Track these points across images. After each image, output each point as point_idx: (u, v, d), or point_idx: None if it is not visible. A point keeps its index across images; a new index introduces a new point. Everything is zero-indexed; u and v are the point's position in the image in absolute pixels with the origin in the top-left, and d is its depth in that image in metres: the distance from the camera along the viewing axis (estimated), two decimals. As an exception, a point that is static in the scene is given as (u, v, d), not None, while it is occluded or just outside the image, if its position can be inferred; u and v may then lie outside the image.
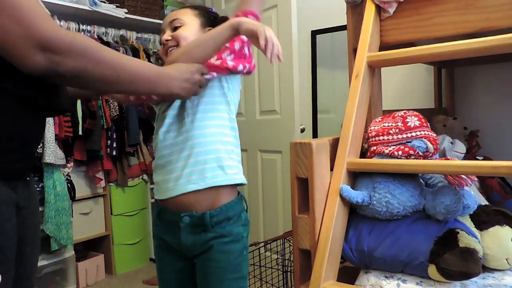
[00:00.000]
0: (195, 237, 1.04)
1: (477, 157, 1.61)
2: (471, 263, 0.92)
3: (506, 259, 1.01)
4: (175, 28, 1.10)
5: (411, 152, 1.09)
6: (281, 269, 1.84)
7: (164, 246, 1.11)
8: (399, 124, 1.14)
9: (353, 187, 1.13)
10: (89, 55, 0.79)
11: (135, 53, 2.88)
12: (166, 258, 1.12)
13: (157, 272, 1.16)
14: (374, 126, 1.18)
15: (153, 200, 2.94)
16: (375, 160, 1.12)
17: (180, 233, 1.05)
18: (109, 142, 2.67)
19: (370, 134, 1.18)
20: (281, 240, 1.87)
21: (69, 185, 2.47)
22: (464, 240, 0.97)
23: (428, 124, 1.17)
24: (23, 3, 0.72)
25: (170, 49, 1.10)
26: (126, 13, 2.87)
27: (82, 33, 2.65)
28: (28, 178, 0.92)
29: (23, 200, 0.88)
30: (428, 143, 1.11)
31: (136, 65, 0.89)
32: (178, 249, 1.08)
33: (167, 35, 1.11)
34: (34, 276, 0.99)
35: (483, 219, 1.06)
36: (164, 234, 1.10)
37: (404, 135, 1.12)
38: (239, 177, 1.07)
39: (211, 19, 1.15)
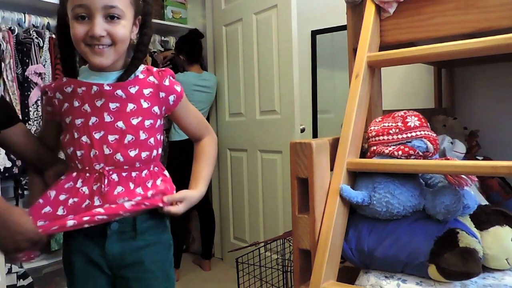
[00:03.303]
0: (123, 245, 0.97)
1: (477, 157, 1.61)
2: (471, 263, 0.92)
3: (506, 259, 1.01)
4: (110, 17, 0.89)
5: (411, 152, 1.09)
6: (281, 269, 1.84)
7: (85, 261, 0.99)
8: (399, 124, 1.14)
9: (353, 187, 1.13)
10: None
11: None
12: (88, 275, 0.99)
13: None
14: (374, 126, 1.18)
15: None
16: (375, 160, 1.12)
17: (106, 242, 0.96)
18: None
19: (370, 134, 1.18)
20: (281, 240, 1.87)
21: (69, 185, 2.46)
22: (464, 240, 0.97)
23: (428, 124, 1.17)
24: None
25: (101, 47, 0.90)
26: (126, 13, 2.86)
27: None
28: None
29: None
30: (428, 143, 1.11)
31: None
32: (101, 262, 0.98)
33: (100, 27, 0.88)
34: None
35: (483, 219, 1.06)
36: (85, 246, 0.98)
37: (404, 135, 1.12)
38: None
39: (140, 6, 0.97)
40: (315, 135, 2.66)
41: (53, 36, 2.38)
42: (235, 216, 2.87)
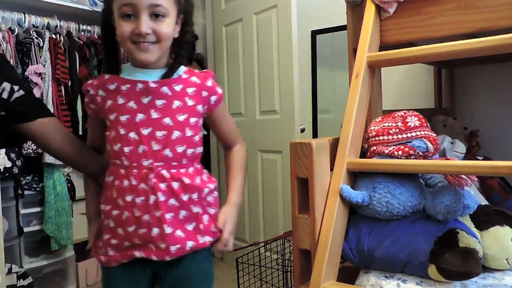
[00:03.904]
0: None
1: (477, 157, 1.61)
2: (471, 263, 0.92)
3: (506, 259, 1.01)
4: (155, 16, 0.92)
5: (411, 152, 1.09)
6: (281, 269, 1.84)
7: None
8: (399, 124, 1.14)
9: (353, 187, 1.13)
10: None
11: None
12: (124, 274, 1.01)
13: None
14: (374, 126, 1.18)
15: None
16: (375, 160, 1.12)
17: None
18: (109, 142, 2.67)
19: (370, 134, 1.18)
20: (281, 240, 1.87)
21: (69, 185, 2.47)
22: (464, 240, 0.97)
23: (428, 124, 1.17)
24: None
25: (146, 44, 0.92)
26: (126, 13, 2.86)
27: (82, 33, 2.66)
28: None
29: None
30: (428, 143, 1.11)
31: None
32: (137, 261, 0.99)
33: (146, 25, 0.90)
34: None
35: (483, 219, 1.06)
36: None
37: (404, 135, 1.12)
38: None
39: (182, 4, 0.99)
40: (315, 135, 2.66)
41: (53, 36, 2.38)
42: (235, 216, 2.86)
